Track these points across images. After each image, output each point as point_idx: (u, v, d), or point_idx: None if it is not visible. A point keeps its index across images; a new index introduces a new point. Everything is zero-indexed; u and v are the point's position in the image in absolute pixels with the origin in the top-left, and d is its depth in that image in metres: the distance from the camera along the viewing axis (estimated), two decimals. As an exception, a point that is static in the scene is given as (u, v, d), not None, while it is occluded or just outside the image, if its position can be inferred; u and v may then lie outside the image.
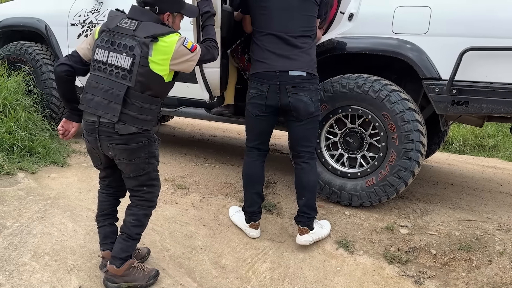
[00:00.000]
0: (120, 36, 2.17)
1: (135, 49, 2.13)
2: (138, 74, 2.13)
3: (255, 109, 2.93)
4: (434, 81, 3.01)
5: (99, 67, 2.21)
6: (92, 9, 4.24)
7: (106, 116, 2.16)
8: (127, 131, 2.16)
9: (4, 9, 5.04)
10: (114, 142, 2.19)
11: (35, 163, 3.67)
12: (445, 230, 3.07)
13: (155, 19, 2.23)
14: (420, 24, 3.03)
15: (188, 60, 2.25)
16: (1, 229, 2.67)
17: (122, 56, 2.14)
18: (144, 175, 2.31)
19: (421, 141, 3.04)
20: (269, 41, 2.87)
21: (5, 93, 3.92)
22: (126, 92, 2.14)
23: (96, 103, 2.19)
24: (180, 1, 2.36)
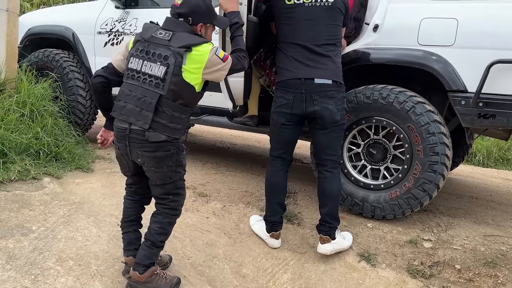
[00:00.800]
0: (155, 46, 2.22)
1: (169, 59, 2.17)
2: (171, 83, 2.17)
3: (280, 118, 2.92)
4: (460, 94, 2.98)
5: (133, 75, 2.26)
6: (119, 19, 4.31)
7: (137, 123, 2.20)
8: (157, 138, 2.19)
9: (32, 17, 5.17)
10: (144, 150, 2.23)
11: (61, 168, 3.73)
12: (470, 245, 3.01)
13: (189, 30, 2.28)
14: (447, 36, 3.01)
15: (220, 70, 2.30)
16: (27, 233, 2.72)
17: (156, 65, 2.19)
18: (170, 184, 2.33)
19: (446, 154, 3.00)
20: (294, 50, 2.88)
21: (32, 99, 4.00)
22: (158, 100, 2.18)
23: (128, 110, 2.23)
24: (212, 13, 2.40)
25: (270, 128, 3.07)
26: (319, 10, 2.87)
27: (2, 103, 3.79)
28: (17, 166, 3.42)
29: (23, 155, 3.58)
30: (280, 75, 2.95)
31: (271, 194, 3.08)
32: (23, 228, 2.76)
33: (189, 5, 2.29)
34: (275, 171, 3.06)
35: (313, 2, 2.86)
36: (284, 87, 2.89)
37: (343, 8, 2.93)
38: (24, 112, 3.86)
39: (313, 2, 2.86)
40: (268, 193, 3.09)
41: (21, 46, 4.74)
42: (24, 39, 4.85)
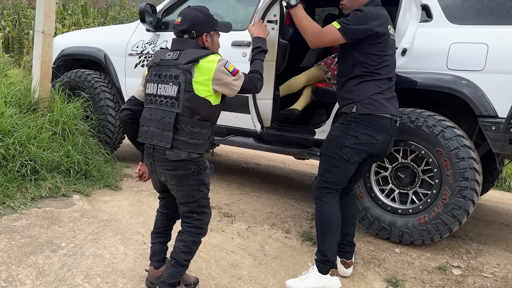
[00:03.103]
0: (166, 68, 2.28)
1: (179, 77, 2.23)
2: (185, 100, 2.21)
3: (357, 155, 2.62)
4: (491, 119, 2.94)
5: (151, 99, 2.33)
6: (150, 41, 4.42)
7: (161, 143, 2.25)
8: (176, 157, 2.22)
9: (66, 38, 5.34)
10: (165, 168, 2.28)
11: (90, 185, 3.80)
12: (500, 273, 2.93)
13: (194, 45, 2.32)
14: (477, 61, 2.99)
15: (229, 84, 2.30)
16: (56, 249, 2.77)
17: (169, 85, 2.25)
18: (193, 202, 2.35)
19: (477, 179, 2.95)
20: (385, 84, 2.67)
21: (64, 118, 4.12)
22: (176, 118, 2.22)
23: (151, 133, 2.30)
24: (212, 20, 2.42)
25: (334, 161, 2.64)
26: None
27: (35, 122, 3.91)
28: (48, 183, 3.51)
29: (54, 172, 3.68)
30: (369, 107, 2.60)
31: (334, 230, 2.70)
32: (52, 245, 2.81)
33: (189, 19, 2.34)
34: (336, 205, 2.71)
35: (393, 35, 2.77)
36: (377, 126, 2.59)
37: None
38: (56, 131, 3.97)
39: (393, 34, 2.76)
40: (330, 230, 2.69)
41: (55, 66, 4.90)
42: (58, 59, 5.01)
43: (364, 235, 3.40)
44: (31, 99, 4.21)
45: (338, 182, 2.70)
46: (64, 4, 15.52)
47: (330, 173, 2.68)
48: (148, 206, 3.64)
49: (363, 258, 3.10)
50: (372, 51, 2.60)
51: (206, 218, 2.43)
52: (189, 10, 2.40)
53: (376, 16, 2.59)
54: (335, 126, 2.73)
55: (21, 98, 4.16)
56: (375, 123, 2.59)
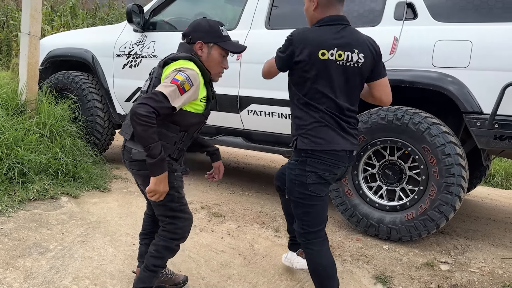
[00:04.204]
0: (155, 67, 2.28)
1: (154, 73, 2.21)
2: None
3: (325, 187, 2.29)
4: (476, 115, 2.98)
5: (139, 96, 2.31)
6: (137, 41, 4.42)
7: (125, 135, 2.22)
8: (139, 157, 2.12)
9: (53, 40, 5.31)
10: (131, 168, 2.24)
11: (78, 187, 3.79)
12: (487, 268, 2.96)
13: (186, 49, 2.25)
14: (461, 58, 3.03)
15: (160, 85, 2.05)
16: (44, 252, 2.76)
17: (147, 82, 2.24)
18: (161, 205, 2.20)
19: (463, 175, 2.98)
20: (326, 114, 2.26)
21: (52, 120, 4.10)
22: None
23: (124, 125, 2.28)
24: (216, 32, 2.28)
25: (305, 202, 2.26)
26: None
27: (22, 124, 3.89)
28: (36, 186, 3.49)
29: (42, 174, 3.66)
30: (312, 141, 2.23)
31: (326, 279, 2.34)
32: (40, 247, 2.80)
33: (192, 25, 2.32)
34: (326, 249, 2.35)
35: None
36: (332, 159, 2.23)
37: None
38: (43, 133, 3.95)
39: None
40: (323, 279, 2.34)
41: (42, 68, 4.87)
42: (45, 61, 4.98)
43: (352, 232, 3.42)
44: (18, 102, 4.19)
45: (320, 221, 2.33)
46: (52, 5, 15.41)
47: (308, 215, 2.30)
48: (138, 207, 3.63)
49: (351, 255, 3.12)
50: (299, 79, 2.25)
51: (180, 223, 2.25)
52: (201, 18, 2.35)
53: (301, 39, 2.19)
54: (291, 163, 2.31)
55: (8, 100, 4.13)
56: (331, 158, 2.22)
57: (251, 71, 3.77)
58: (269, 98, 3.75)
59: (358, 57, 2.23)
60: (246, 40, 3.83)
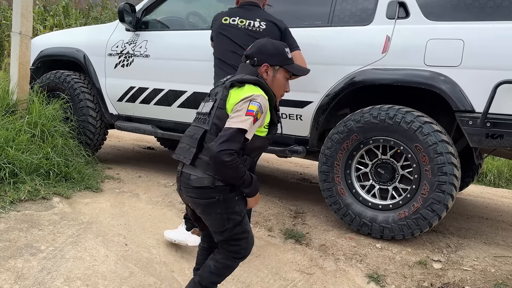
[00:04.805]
0: (216, 89, 2.20)
1: (218, 94, 2.11)
2: (215, 117, 2.07)
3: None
4: (468, 114, 2.98)
5: (195, 117, 2.24)
6: (129, 41, 4.39)
7: (184, 159, 2.10)
8: (198, 183, 2.04)
9: (44, 39, 5.27)
10: (189, 195, 2.12)
11: (70, 188, 3.76)
12: (480, 266, 2.97)
13: (251, 72, 2.16)
14: (453, 57, 3.03)
15: (232, 117, 2.01)
16: (35, 253, 2.73)
17: (209, 103, 2.14)
18: (225, 231, 2.12)
19: (455, 174, 2.99)
20: None
21: (43, 120, 4.06)
22: (203, 135, 2.07)
23: (181, 149, 2.17)
24: (281, 56, 2.25)
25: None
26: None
27: (13, 124, 3.85)
28: (27, 186, 3.45)
29: (33, 175, 3.62)
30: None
31: None
32: (32, 248, 2.77)
33: (257, 47, 2.24)
34: None
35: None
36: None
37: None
38: (35, 133, 3.91)
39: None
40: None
41: (33, 68, 4.83)
42: (36, 61, 4.94)
43: (346, 231, 3.42)
44: (9, 101, 4.14)
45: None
46: (45, 5, 15.32)
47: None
48: (130, 208, 3.61)
49: (345, 254, 3.12)
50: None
51: (243, 243, 2.17)
52: (264, 39, 2.29)
53: (218, 15, 3.32)
54: None
55: (-1, 100, 4.10)
56: None
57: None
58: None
59: (260, 24, 3.14)
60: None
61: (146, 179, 4.41)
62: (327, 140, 3.42)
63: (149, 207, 3.68)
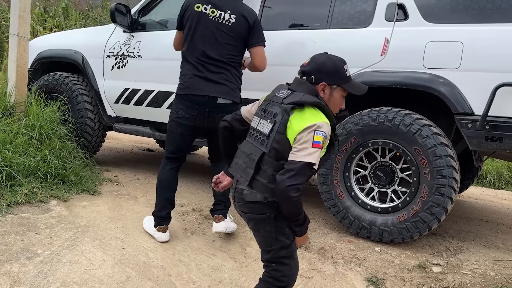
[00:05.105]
0: (273, 104, 2.12)
1: (277, 116, 2.04)
2: (274, 141, 2.01)
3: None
4: (467, 116, 2.97)
5: (250, 132, 2.20)
6: (124, 42, 4.38)
7: (241, 179, 2.09)
8: (252, 198, 2.03)
9: (43, 41, 5.26)
10: (242, 210, 2.11)
11: (68, 191, 3.74)
12: (479, 269, 2.95)
13: (309, 90, 2.09)
14: (452, 59, 3.01)
15: (299, 150, 1.93)
16: (32, 257, 2.72)
17: (267, 122, 2.08)
18: (271, 251, 2.09)
19: (454, 177, 2.97)
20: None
21: (41, 122, 4.05)
22: (261, 157, 2.03)
23: (238, 166, 2.15)
24: (341, 74, 2.16)
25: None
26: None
27: (11, 126, 3.84)
28: (25, 189, 3.44)
29: (30, 178, 3.61)
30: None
31: (161, 190, 3.29)
32: (28, 252, 2.76)
33: (315, 63, 2.16)
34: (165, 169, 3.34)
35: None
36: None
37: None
38: (32, 135, 3.90)
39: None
40: (158, 189, 3.30)
41: (32, 69, 4.82)
42: (35, 62, 4.93)
43: (345, 234, 3.40)
44: (7, 104, 4.14)
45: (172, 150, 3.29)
46: (45, 6, 15.31)
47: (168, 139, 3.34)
48: (128, 211, 3.60)
49: (344, 258, 3.10)
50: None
51: (286, 270, 2.11)
52: (322, 55, 2.21)
53: (190, 1, 3.17)
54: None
55: (-4, 102, 4.08)
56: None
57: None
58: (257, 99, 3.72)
59: (230, 17, 3.10)
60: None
61: (145, 182, 4.40)
62: None
63: (147, 210, 3.66)
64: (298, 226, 2.05)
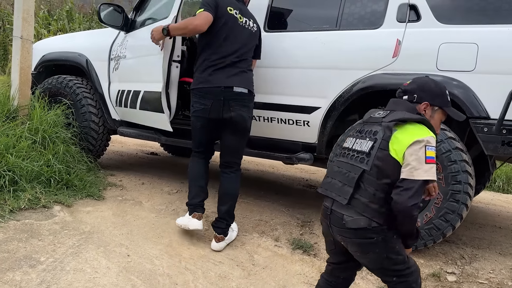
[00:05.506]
0: (370, 125, 2.08)
1: (378, 134, 2.00)
2: (376, 158, 1.95)
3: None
4: (482, 120, 2.88)
5: (344, 153, 2.14)
6: (120, 43, 4.33)
7: (338, 198, 2.02)
8: (355, 225, 1.94)
9: (46, 43, 5.20)
10: (342, 235, 2.02)
11: (71, 196, 3.67)
12: (496, 278, 2.86)
13: (410, 108, 2.05)
14: (467, 61, 2.92)
15: (412, 168, 1.87)
16: (35, 265, 2.64)
17: (365, 141, 2.04)
18: (387, 270, 2.02)
19: (469, 183, 2.88)
20: None
21: (45, 126, 3.98)
22: (361, 175, 1.97)
23: (332, 185, 2.09)
24: (445, 97, 2.13)
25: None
26: None
27: (14, 130, 3.77)
28: (28, 194, 3.37)
29: (33, 182, 3.54)
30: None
31: (192, 179, 3.36)
32: (31, 259, 2.68)
33: (418, 83, 2.13)
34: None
35: None
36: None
37: None
38: (36, 139, 3.83)
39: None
40: (190, 180, 3.37)
41: (35, 73, 4.76)
42: (38, 65, 4.87)
43: (355, 241, 3.31)
44: (10, 107, 4.07)
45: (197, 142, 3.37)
46: (49, 9, 15.32)
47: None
48: (133, 216, 3.52)
49: (355, 266, 3.01)
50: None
51: (410, 277, 2.01)
52: (425, 77, 2.20)
53: None
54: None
55: (-1, 106, 4.02)
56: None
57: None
58: (268, 103, 3.65)
59: (253, 25, 3.35)
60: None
61: (150, 186, 4.32)
62: (335, 147, 3.31)
63: (152, 215, 3.58)
64: (412, 240, 2.01)
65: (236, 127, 3.24)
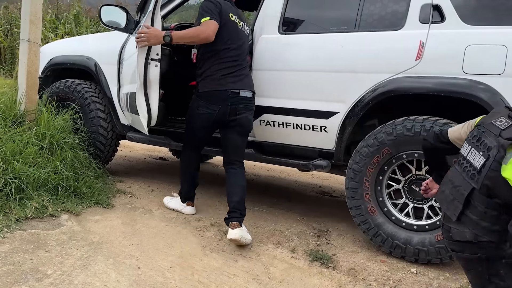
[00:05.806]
0: (487, 134, 1.89)
1: (492, 150, 1.81)
2: (486, 177, 1.79)
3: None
4: None
5: (459, 160, 2.01)
6: (124, 45, 4.22)
7: (448, 211, 1.94)
8: (460, 237, 1.87)
9: (54, 47, 5.09)
10: (450, 247, 1.97)
11: (79, 204, 3.55)
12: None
13: None
14: (495, 64, 2.77)
15: None
16: (41, 278, 2.51)
17: (479, 154, 1.87)
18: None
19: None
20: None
21: (52, 131, 3.86)
22: (470, 192, 1.85)
23: (444, 196, 2.00)
24: None
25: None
26: None
27: (21, 136, 3.65)
28: (34, 203, 3.25)
29: (40, 190, 3.42)
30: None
31: (185, 169, 3.69)
32: (37, 272, 2.55)
33: None
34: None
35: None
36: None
37: None
38: (43, 145, 3.71)
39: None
40: (182, 169, 3.70)
41: (42, 76, 4.64)
42: (46, 69, 4.75)
43: (376, 253, 3.16)
44: (17, 112, 3.95)
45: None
46: (56, 13, 15.30)
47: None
48: (143, 225, 3.38)
49: (376, 280, 2.86)
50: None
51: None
52: None
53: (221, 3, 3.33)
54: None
55: (6, 110, 3.90)
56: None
57: (263, 79, 3.53)
58: (283, 107, 3.51)
59: (247, 29, 3.53)
60: (256, 45, 3.60)
61: (160, 193, 4.19)
62: (355, 153, 3.17)
63: (162, 224, 3.45)
64: None
65: (242, 129, 3.37)
